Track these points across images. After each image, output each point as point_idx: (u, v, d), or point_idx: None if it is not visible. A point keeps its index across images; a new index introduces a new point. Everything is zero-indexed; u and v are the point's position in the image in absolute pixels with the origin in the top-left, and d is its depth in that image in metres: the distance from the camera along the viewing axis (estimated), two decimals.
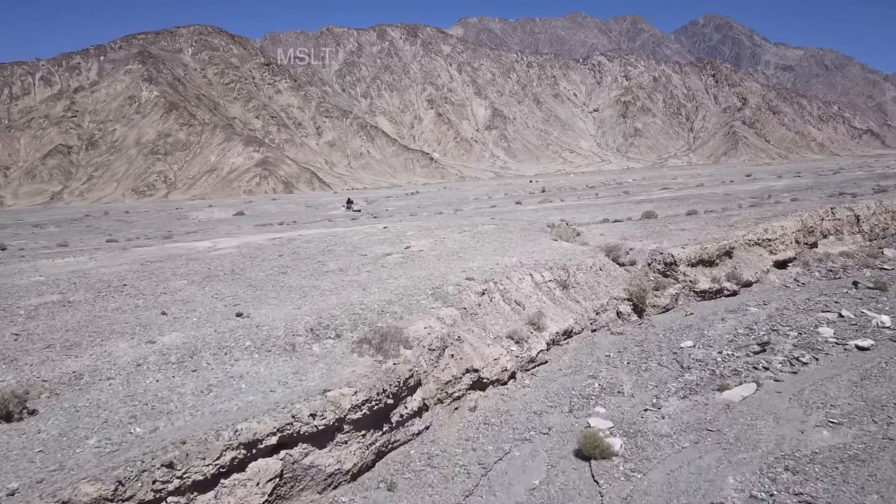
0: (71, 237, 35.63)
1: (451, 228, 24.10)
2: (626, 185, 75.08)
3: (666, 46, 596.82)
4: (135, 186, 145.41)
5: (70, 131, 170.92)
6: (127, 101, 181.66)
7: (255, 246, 21.10)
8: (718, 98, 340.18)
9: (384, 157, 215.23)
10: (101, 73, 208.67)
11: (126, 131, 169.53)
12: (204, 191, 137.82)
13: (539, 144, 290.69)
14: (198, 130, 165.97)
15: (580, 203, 42.86)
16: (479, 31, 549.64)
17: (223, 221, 46.96)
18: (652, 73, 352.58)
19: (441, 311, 13.04)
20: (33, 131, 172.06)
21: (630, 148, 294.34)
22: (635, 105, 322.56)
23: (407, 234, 22.79)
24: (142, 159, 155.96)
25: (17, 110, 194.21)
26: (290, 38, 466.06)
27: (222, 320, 11.82)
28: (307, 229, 28.87)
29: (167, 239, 28.25)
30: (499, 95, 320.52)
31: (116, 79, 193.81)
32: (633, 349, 15.05)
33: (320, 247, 20.45)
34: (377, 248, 19.98)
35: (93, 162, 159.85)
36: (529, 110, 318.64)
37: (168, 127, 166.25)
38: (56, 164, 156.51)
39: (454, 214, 37.09)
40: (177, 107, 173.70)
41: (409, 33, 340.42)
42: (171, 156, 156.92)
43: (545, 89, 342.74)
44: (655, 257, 20.50)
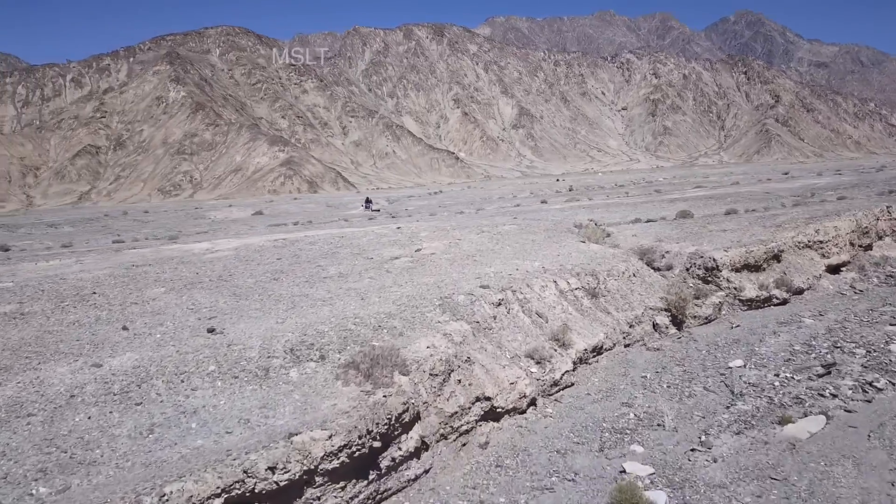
0: (78, 238, 34.42)
1: (469, 229, 22.18)
2: (656, 183, 72.48)
3: (696, 44, 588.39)
4: (161, 186, 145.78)
5: (99, 132, 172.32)
6: (154, 101, 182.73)
7: (254, 248, 19.42)
8: (750, 95, 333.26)
9: (410, 156, 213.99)
10: (131, 74, 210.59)
11: (153, 131, 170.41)
12: (229, 190, 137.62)
13: (566, 143, 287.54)
14: (223, 130, 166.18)
15: (609, 202, 40.66)
16: (506, 30, 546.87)
17: (238, 221, 45.61)
18: (682, 71, 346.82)
19: (449, 325, 11.16)
20: (63, 132, 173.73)
21: (659, 147, 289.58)
22: (665, 103, 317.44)
23: (420, 235, 20.94)
24: (168, 159, 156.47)
25: (48, 111, 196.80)
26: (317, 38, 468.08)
27: (190, 337, 10.07)
28: (318, 230, 27.18)
29: (172, 240, 26.78)
30: (525, 94, 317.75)
31: (145, 79, 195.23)
32: (673, 369, 13.01)
33: (324, 249, 18.69)
34: (385, 250, 18.16)
35: (120, 162, 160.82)
36: (557, 109, 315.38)
37: (194, 127, 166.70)
38: (84, 164, 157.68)
39: (475, 214, 35.16)
40: (203, 107, 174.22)
41: (435, 33, 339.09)
42: (196, 156, 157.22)
43: (573, 88, 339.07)
44: (695, 261, 18.41)
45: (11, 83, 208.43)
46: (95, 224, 48.20)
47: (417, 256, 16.95)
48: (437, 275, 14.69)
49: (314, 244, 19.69)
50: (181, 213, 57.11)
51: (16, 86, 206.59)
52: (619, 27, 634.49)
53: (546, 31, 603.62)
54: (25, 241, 34.37)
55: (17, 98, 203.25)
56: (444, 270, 15.21)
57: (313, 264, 16.30)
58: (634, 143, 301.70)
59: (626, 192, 52.63)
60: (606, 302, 15.15)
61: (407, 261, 16.43)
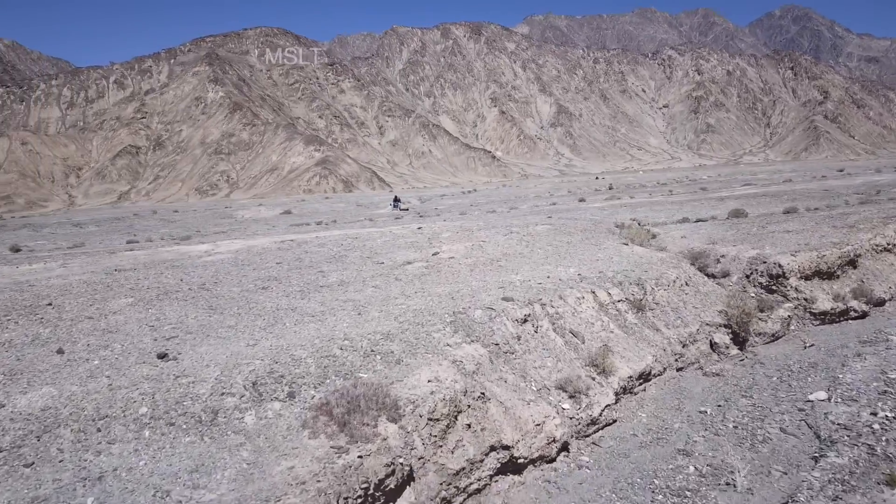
0: (95, 238, 33.15)
1: (497, 229, 19.94)
2: (701, 181, 69.12)
3: (740, 40, 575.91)
4: (198, 186, 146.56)
5: (139, 132, 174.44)
6: (193, 102, 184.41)
7: (257, 250, 17.51)
8: (797, 92, 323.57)
9: (446, 155, 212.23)
10: (171, 76, 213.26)
11: (192, 132, 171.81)
12: (265, 190, 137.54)
13: (605, 142, 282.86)
14: (260, 130, 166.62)
15: (652, 200, 37.94)
16: (544, 28, 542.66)
17: (261, 221, 44.08)
18: (725, 67, 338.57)
19: (460, 349, 8.98)
20: (105, 132, 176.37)
21: (702, 145, 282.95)
22: (707, 100, 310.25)
23: (441, 236, 18.77)
24: (206, 159, 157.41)
25: (91, 113, 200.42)
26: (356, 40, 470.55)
27: (134, 365, 8.08)
28: (336, 230, 25.23)
29: (184, 240, 25.13)
30: (564, 92, 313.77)
31: (184, 80, 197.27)
32: (738, 401, 10.61)
33: (332, 252, 16.67)
34: (399, 253, 16.05)
35: (159, 162, 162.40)
36: (596, 107, 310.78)
37: (232, 127, 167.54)
38: (125, 164, 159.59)
39: (507, 213, 32.85)
40: (241, 107, 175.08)
41: (472, 31, 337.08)
42: (233, 155, 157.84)
43: (612, 85, 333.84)
44: (756, 267, 15.92)
45: (57, 85, 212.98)
46: (120, 224, 47.22)
47: (434, 261, 14.79)
48: (452, 283, 12.52)
49: (323, 246, 17.68)
50: (209, 213, 55.98)
51: (61, 88, 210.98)
52: (659, 24, 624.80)
53: (585, 29, 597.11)
54: (41, 241, 33.24)
55: (62, 100, 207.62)
56: (461, 278, 13.03)
57: (314, 270, 14.27)
58: (676, 141, 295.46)
59: (670, 191, 49.69)
60: (654, 317, 12.78)
61: (421, 266, 14.29)
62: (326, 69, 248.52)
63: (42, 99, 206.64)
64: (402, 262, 14.78)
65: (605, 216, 26.25)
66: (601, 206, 34.47)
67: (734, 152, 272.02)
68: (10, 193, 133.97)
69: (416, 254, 15.87)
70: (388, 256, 15.63)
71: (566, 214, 27.96)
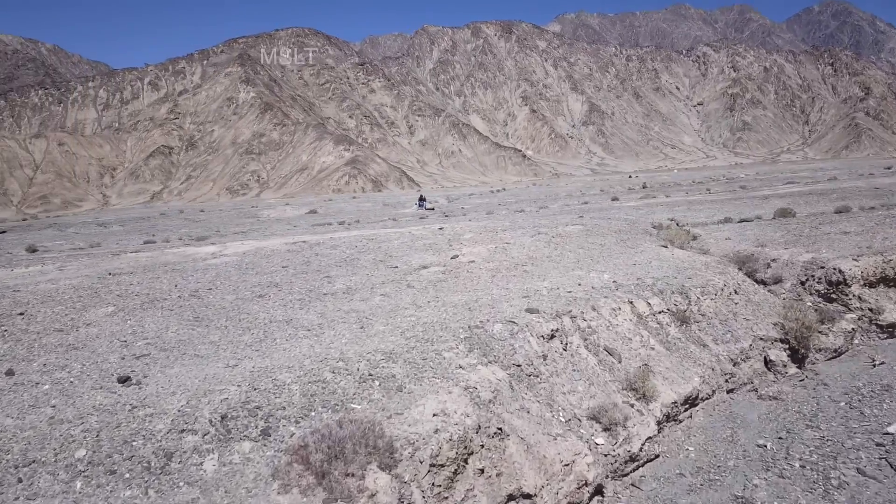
0: (113, 238, 32.48)
1: (524, 230, 18.49)
2: (739, 179, 66.68)
3: (777, 36, 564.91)
4: (229, 186, 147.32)
5: (172, 133, 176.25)
6: (225, 102, 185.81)
7: (265, 252, 16.35)
8: (837, 88, 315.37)
9: (476, 155, 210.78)
10: (204, 77, 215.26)
11: (223, 132, 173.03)
12: (294, 190, 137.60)
13: (638, 140, 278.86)
14: (290, 130, 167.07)
15: (690, 199, 36.07)
16: (576, 26, 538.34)
17: (283, 221, 43.17)
18: (762, 63, 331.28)
19: (475, 371, 7.62)
20: (139, 133, 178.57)
21: (738, 143, 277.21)
22: (744, 97, 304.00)
23: (463, 237, 17.39)
24: (237, 159, 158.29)
25: (126, 114, 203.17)
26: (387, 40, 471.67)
27: (88, 391, 6.88)
28: (356, 230, 24.01)
29: (201, 240, 24.15)
30: (596, 90, 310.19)
31: (217, 81, 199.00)
32: (803, 433, 9.05)
33: (344, 255, 15.42)
34: (415, 256, 14.73)
35: (191, 162, 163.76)
36: (628, 105, 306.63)
37: (262, 127, 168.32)
38: (158, 164, 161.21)
39: (536, 213, 31.32)
40: (271, 107, 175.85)
41: (503, 30, 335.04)
42: (264, 155, 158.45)
43: (645, 83, 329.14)
44: (812, 273, 14.27)
45: (93, 87, 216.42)
46: (144, 223, 46.74)
47: (452, 265, 13.42)
48: (471, 291, 11.15)
49: (335, 248, 16.44)
50: (234, 212, 55.38)
51: (97, 90, 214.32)
52: (694, 21, 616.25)
53: (618, 27, 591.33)
54: (60, 241, 32.66)
55: (98, 101, 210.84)
56: (481, 285, 11.66)
57: (321, 275, 13.02)
58: (711, 140, 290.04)
59: (708, 189, 47.61)
60: (700, 330, 11.27)
61: (437, 271, 12.94)
62: (357, 69, 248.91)
63: (79, 100, 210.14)
64: (416, 267, 13.45)
65: (640, 216, 24.63)
66: (635, 206, 32.77)
67: (771, 150, 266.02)
68: (46, 193, 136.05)
69: (433, 257, 14.52)
70: (402, 260, 14.32)
71: (598, 214, 26.39)
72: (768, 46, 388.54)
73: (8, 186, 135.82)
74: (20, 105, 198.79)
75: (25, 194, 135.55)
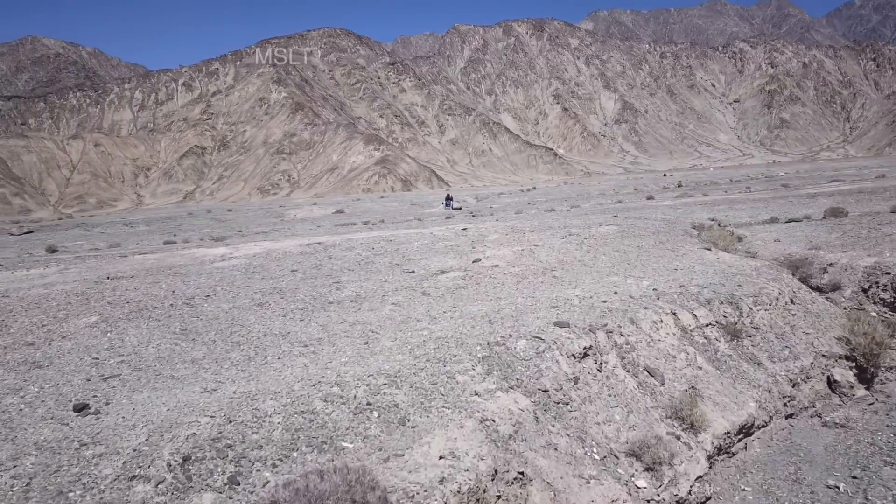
0: (135, 238, 31.96)
1: (554, 231, 17.21)
2: (779, 178, 64.30)
3: (816, 31, 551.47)
4: (260, 185, 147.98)
5: (205, 133, 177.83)
6: (257, 102, 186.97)
7: (277, 255, 15.35)
8: (880, 84, 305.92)
9: (506, 153, 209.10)
10: (237, 77, 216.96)
11: (255, 132, 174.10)
12: (325, 189, 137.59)
13: (672, 138, 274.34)
14: (321, 130, 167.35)
15: (730, 198, 34.33)
16: (609, 24, 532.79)
17: (308, 221, 42.38)
18: (801, 59, 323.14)
19: (493, 400, 6.46)
20: (172, 134, 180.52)
21: (775, 140, 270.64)
22: (782, 94, 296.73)
23: (488, 238, 16.18)
24: (268, 159, 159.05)
25: (161, 115, 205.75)
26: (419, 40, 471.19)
27: (37, 423, 5.89)
28: (377, 231, 22.97)
29: (219, 241, 23.37)
30: (629, 88, 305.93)
31: (249, 82, 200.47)
32: (881, 470, 7.72)
33: (359, 258, 14.34)
34: (434, 260, 13.57)
35: (223, 162, 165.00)
36: (662, 102, 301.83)
37: (293, 127, 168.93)
38: (191, 164, 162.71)
39: (567, 212, 29.96)
40: (302, 107, 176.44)
41: (535, 28, 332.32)
42: (295, 155, 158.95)
43: (680, 80, 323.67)
44: (876, 279, 12.82)
45: (129, 89, 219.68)
46: (170, 223, 46.38)
47: (473, 270, 12.24)
48: (492, 300, 9.97)
49: (350, 250, 15.36)
50: (261, 212, 54.84)
51: (133, 91, 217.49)
52: (730, 17, 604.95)
53: (651, 24, 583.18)
54: (82, 241, 32.27)
55: (133, 103, 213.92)
56: (505, 293, 10.46)
57: (330, 280, 11.95)
58: (747, 137, 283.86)
59: (747, 187, 45.64)
60: (754, 346, 9.93)
61: (457, 276, 11.77)
62: (388, 68, 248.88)
63: (115, 102, 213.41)
64: (435, 272, 12.29)
65: (678, 216, 23.16)
66: (672, 205, 31.20)
67: (810, 148, 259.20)
68: (82, 193, 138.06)
69: (454, 260, 13.35)
70: (420, 264, 13.17)
71: (634, 214, 24.97)
72: (807, 42, 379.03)
73: (46, 186, 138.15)
74: (59, 107, 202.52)
75: (62, 194, 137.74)
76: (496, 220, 25.08)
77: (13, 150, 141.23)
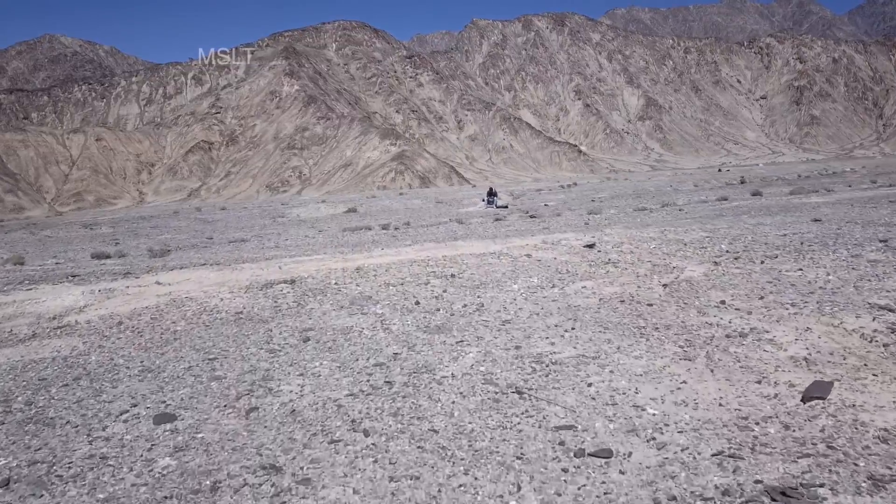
0: (62, 247, 23.30)
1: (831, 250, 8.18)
2: (848, 173, 54.79)
3: (838, 29, 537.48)
4: (269, 182, 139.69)
5: (213, 127, 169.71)
6: (268, 96, 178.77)
7: (146, 341, 6.49)
8: None
9: (528, 150, 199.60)
10: (248, 71, 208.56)
11: (266, 126, 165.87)
12: (338, 186, 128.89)
13: (698, 135, 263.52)
14: (335, 124, 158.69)
15: (875, 194, 24.96)
16: (627, 21, 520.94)
17: (307, 223, 33.40)
18: (830, 55, 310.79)
19: None
20: (179, 128, 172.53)
21: (805, 138, 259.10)
22: (811, 90, 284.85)
23: (675, 262, 7.22)
24: (278, 154, 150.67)
25: (169, 109, 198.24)
26: (435, 38, 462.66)
27: None
28: (405, 243, 14.09)
29: (161, 256, 14.65)
30: (653, 84, 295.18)
31: (261, 74, 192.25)
32: None
33: (374, 347, 5.40)
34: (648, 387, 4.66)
35: (231, 158, 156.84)
36: (687, 99, 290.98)
37: (306, 121, 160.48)
38: (197, 160, 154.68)
39: (682, 213, 20.88)
40: (315, 100, 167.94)
41: (555, 22, 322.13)
42: (306, 150, 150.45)
43: (704, 76, 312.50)
44: None
45: (137, 82, 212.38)
46: (142, 224, 37.65)
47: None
48: None
49: (355, 310, 6.41)
50: (258, 211, 46.08)
51: (140, 84, 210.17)
52: (750, 14, 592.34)
53: (670, 21, 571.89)
54: None
55: (141, 97, 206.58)
56: None
57: None
58: (776, 135, 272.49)
59: (873, 181, 36.22)
60: None
61: None
62: (405, 62, 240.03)
63: (122, 95, 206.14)
64: None
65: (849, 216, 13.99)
66: (818, 202, 22.01)
67: (842, 146, 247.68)
68: (80, 191, 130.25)
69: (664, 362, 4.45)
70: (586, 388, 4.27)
71: (793, 216, 15.89)
72: (830, 39, 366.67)
73: (42, 183, 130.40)
74: (63, 101, 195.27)
75: (59, 191, 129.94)
76: (610, 225, 16.00)
77: (9, 144, 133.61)
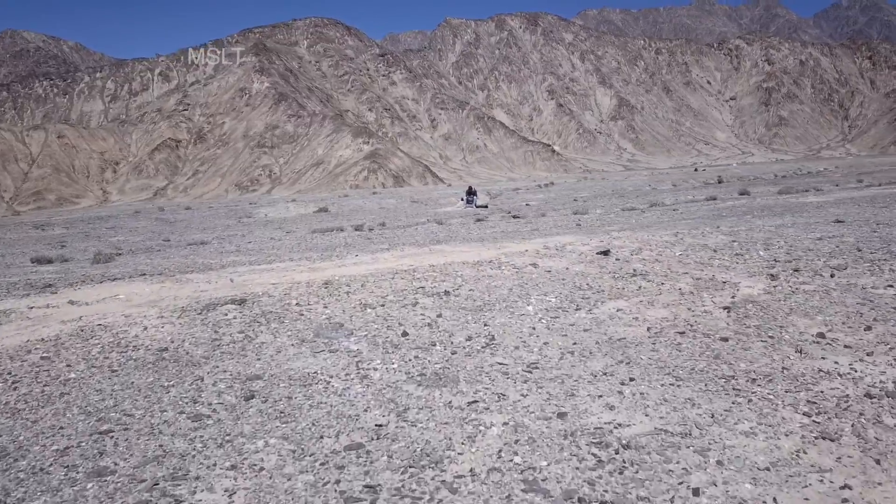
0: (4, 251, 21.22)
1: None
2: (824, 172, 54.40)
3: (804, 32, 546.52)
4: (238, 181, 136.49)
5: (180, 125, 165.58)
6: (238, 93, 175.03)
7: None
8: (876, 82, 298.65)
9: (502, 150, 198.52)
10: (217, 67, 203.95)
11: (235, 124, 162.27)
12: (309, 185, 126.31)
13: (670, 136, 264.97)
14: (306, 122, 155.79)
15: (865, 194, 23.89)
16: (599, 22, 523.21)
17: (274, 224, 31.53)
18: (798, 57, 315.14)
19: None
20: (145, 125, 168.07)
21: (774, 139, 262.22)
22: (779, 92, 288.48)
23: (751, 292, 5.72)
24: (248, 153, 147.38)
25: (135, 106, 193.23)
26: (408, 37, 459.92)
27: None
28: (381, 248, 12.46)
29: (101, 263, 12.84)
30: (625, 84, 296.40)
31: (230, 71, 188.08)
32: None
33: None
34: None
35: (199, 156, 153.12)
36: (658, 99, 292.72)
37: (276, 119, 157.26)
38: (163, 158, 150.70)
39: (678, 214, 19.50)
40: (286, 98, 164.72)
41: (529, 22, 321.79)
42: (277, 149, 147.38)
43: (675, 77, 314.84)
44: None
45: (101, 78, 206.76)
46: (99, 225, 35.40)
47: None
48: None
49: (304, 405, 4.78)
50: (223, 211, 43.98)
51: (105, 81, 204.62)
52: (718, 16, 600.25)
53: (641, 23, 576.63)
54: None
55: (105, 93, 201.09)
56: None
57: None
58: (745, 135, 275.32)
59: (859, 180, 35.41)
60: None
61: None
62: (378, 61, 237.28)
63: (86, 92, 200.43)
64: None
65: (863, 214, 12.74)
66: (815, 202, 20.85)
67: (810, 147, 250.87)
68: (41, 189, 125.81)
69: None
70: None
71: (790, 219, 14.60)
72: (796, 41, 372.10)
73: (0, 181, 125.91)
74: (23, 96, 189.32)
75: (18, 190, 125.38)
76: (618, 229, 14.54)
77: None
